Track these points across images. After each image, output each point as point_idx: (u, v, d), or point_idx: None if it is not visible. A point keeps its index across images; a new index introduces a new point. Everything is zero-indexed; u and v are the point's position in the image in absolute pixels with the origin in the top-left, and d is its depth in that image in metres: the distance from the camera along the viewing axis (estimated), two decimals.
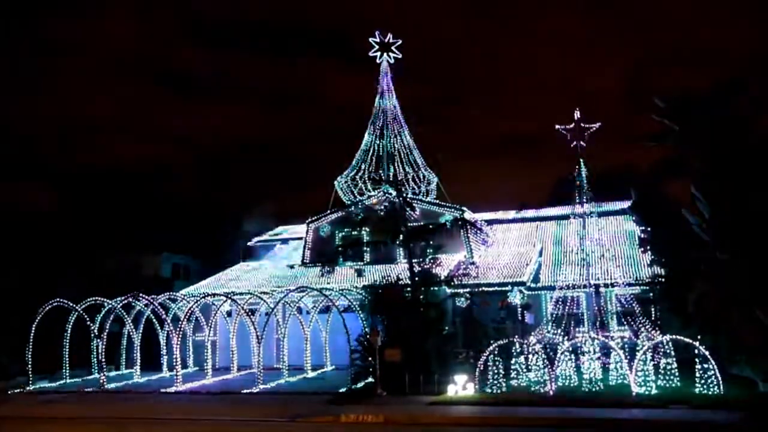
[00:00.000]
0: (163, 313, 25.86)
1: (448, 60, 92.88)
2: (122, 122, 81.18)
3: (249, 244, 36.58)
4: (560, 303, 23.85)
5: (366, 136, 33.83)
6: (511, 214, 34.60)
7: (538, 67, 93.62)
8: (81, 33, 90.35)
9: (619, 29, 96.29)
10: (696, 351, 16.50)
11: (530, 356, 18.43)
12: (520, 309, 25.87)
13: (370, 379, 20.31)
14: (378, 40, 33.98)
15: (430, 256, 22.93)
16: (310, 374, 24.54)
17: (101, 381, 23.28)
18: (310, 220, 31.69)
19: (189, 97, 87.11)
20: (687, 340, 16.84)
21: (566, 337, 21.80)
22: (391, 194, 25.45)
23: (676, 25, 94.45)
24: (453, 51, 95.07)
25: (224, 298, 25.29)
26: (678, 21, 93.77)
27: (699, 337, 16.92)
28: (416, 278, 22.15)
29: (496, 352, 18.26)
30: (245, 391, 20.92)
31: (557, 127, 24.42)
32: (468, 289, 24.83)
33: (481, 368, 18.28)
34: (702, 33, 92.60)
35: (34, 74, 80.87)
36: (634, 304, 22.77)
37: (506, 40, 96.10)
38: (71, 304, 24.36)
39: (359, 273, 26.79)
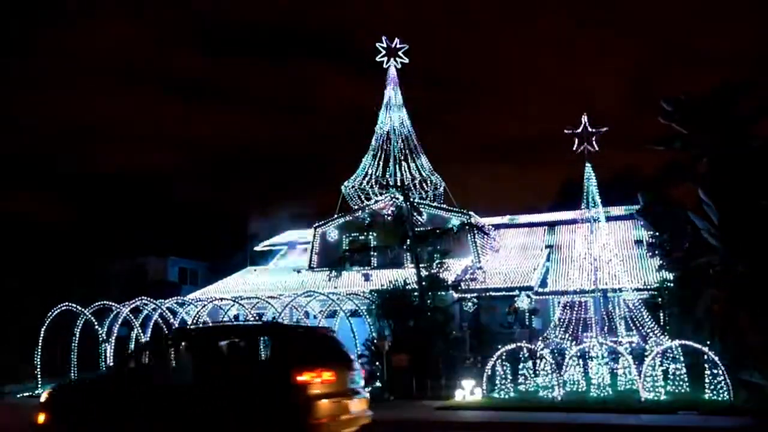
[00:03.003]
0: (171, 317, 25.91)
1: (448, 63, 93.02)
2: (123, 126, 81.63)
3: (256, 248, 36.68)
4: (568, 308, 23.77)
5: (373, 141, 33.87)
6: (518, 218, 34.57)
7: (539, 70, 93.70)
8: (80, 37, 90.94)
9: (619, 30, 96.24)
10: (705, 356, 16.40)
11: (538, 361, 18.36)
12: (527, 314, 25.83)
13: (378, 384, 20.28)
14: (385, 45, 34.03)
15: (437, 261, 22.92)
16: None
17: None
18: (317, 224, 31.76)
19: (190, 101, 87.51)
20: (696, 345, 16.74)
21: (574, 342, 21.73)
22: (398, 199, 25.44)
23: (675, 25, 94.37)
24: (453, 54, 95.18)
25: (232, 303, 25.34)
26: (678, 22, 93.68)
27: (708, 342, 16.83)
28: (423, 283, 22.13)
29: (503, 357, 18.20)
30: None
31: (565, 131, 24.38)
32: (475, 294, 24.79)
33: (489, 373, 18.21)
34: (702, 34, 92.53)
35: (35, 79, 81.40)
36: (642, 309, 22.69)
37: (506, 42, 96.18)
38: (79, 308, 24.43)
39: (366, 277, 26.83)
